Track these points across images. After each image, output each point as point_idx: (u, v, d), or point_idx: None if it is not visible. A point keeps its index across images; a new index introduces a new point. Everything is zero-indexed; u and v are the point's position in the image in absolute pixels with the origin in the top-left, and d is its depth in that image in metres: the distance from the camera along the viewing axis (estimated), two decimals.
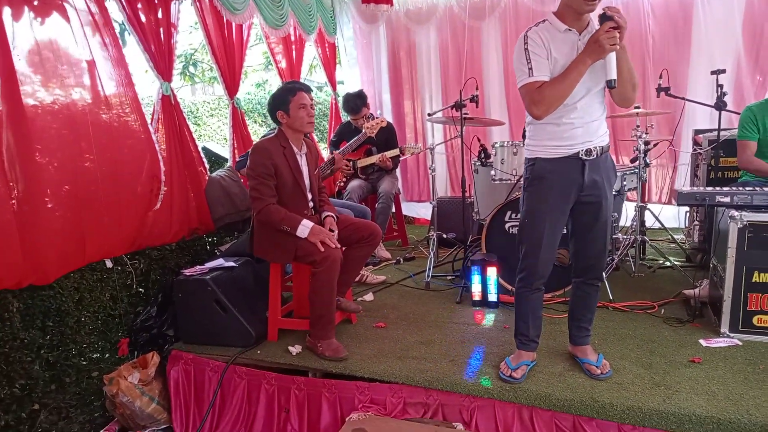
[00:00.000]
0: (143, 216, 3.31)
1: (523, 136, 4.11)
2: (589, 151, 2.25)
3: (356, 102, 4.64)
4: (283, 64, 5.03)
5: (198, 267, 3.26)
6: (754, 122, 3.19)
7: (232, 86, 4.24)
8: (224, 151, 4.49)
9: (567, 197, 2.31)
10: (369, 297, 3.76)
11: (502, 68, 5.42)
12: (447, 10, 5.55)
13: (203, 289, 3.05)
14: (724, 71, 3.69)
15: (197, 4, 3.84)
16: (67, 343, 2.89)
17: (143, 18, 3.38)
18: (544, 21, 2.25)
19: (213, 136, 6.41)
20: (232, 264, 3.34)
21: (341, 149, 4.45)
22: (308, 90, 3.07)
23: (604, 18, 2.07)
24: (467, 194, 4.06)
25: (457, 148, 4.46)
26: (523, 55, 2.19)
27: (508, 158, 3.78)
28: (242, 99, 4.67)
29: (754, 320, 2.73)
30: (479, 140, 4.31)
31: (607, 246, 2.44)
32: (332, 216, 3.15)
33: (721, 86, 3.64)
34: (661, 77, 3.88)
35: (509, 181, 3.76)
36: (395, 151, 4.58)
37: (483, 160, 4.07)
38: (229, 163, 4.30)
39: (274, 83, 5.54)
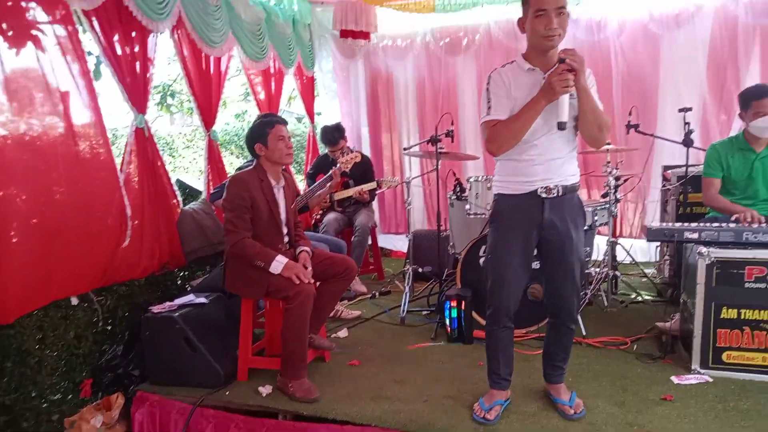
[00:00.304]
0: (112, 251, 3.23)
1: None
2: (548, 189, 2.26)
3: (334, 134, 4.67)
4: (262, 96, 5.04)
5: (167, 303, 3.18)
6: (718, 160, 3.27)
7: (208, 119, 4.22)
8: (199, 183, 4.46)
9: (529, 234, 2.32)
10: (343, 333, 3.70)
11: (477, 103, 5.52)
12: (423, 45, 5.65)
13: (171, 327, 2.97)
14: (690, 109, 3.80)
15: (175, 37, 3.85)
16: (26, 385, 2.77)
17: (119, 50, 3.37)
18: (512, 62, 2.32)
19: (188, 167, 6.37)
20: (202, 300, 3.27)
21: (322, 179, 4.43)
22: (285, 123, 3.09)
23: (559, 61, 2.12)
24: (443, 228, 4.08)
25: (434, 182, 4.50)
26: (485, 95, 2.27)
27: (483, 193, 3.82)
28: (220, 130, 4.66)
29: (724, 356, 2.75)
30: (455, 174, 4.35)
31: (577, 287, 2.41)
32: (307, 251, 3.12)
33: (688, 123, 3.74)
34: (630, 114, 3.98)
35: (484, 216, 3.78)
36: (372, 184, 4.59)
37: (458, 194, 4.09)
38: (203, 196, 4.25)
39: (253, 114, 5.55)
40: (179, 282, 3.92)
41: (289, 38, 5.15)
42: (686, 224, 2.97)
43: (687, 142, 3.75)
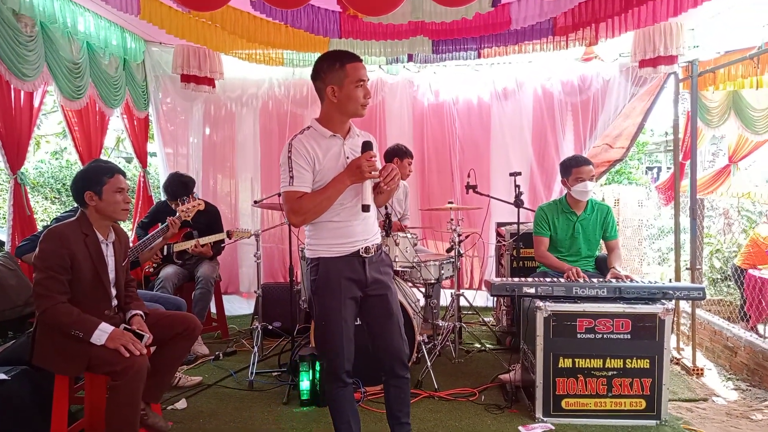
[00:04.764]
0: None
1: None
2: (367, 249, 2.30)
3: (178, 189, 4.24)
4: (80, 135, 4.47)
5: None
6: (545, 220, 3.64)
7: (15, 159, 3.61)
8: (1, 233, 3.75)
9: (355, 294, 2.31)
10: (182, 404, 3.30)
11: None
12: (270, 95, 5.57)
13: None
14: (519, 173, 4.22)
15: None
16: None
17: None
18: (308, 128, 2.30)
19: None
20: (2, 377, 2.68)
21: (158, 229, 3.95)
22: (125, 175, 2.73)
23: (366, 146, 2.19)
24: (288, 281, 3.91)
25: (275, 235, 4.27)
26: (287, 163, 2.21)
27: None
28: (33, 171, 3.97)
29: (563, 404, 2.97)
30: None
31: (404, 336, 2.44)
32: (140, 315, 2.74)
33: (519, 186, 4.13)
34: (469, 176, 4.28)
35: None
36: (221, 235, 4.24)
37: None
38: (6, 249, 3.58)
39: (74, 152, 4.83)
40: None
41: (115, 77, 4.66)
42: (524, 280, 3.21)
43: (518, 203, 4.12)
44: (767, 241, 5.63)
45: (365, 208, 2.19)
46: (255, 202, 4.29)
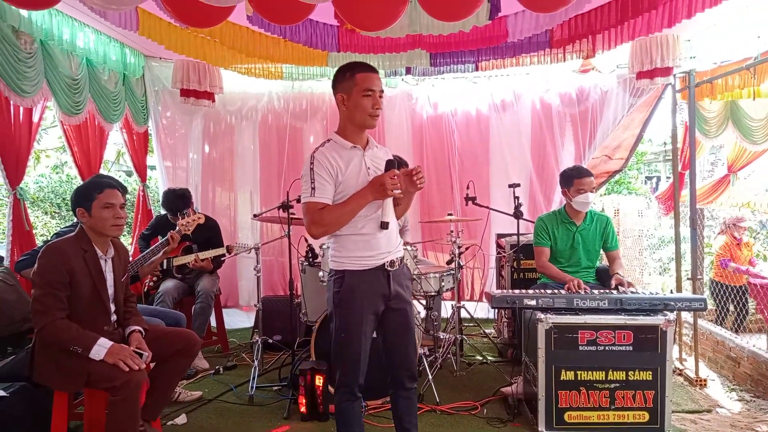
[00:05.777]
0: None
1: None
2: (392, 263, 2.31)
3: (177, 203, 4.25)
4: (78, 150, 4.47)
5: None
6: (545, 231, 3.63)
7: (15, 175, 3.61)
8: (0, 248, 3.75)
9: (377, 308, 2.32)
10: (182, 419, 3.27)
11: None
12: (270, 109, 5.59)
13: None
14: (518, 185, 4.22)
15: None
16: None
17: None
18: (329, 140, 2.31)
19: None
20: (0, 393, 2.66)
21: (157, 243, 3.95)
22: (122, 189, 2.71)
23: (390, 164, 2.22)
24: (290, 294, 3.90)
25: (274, 249, 4.19)
26: (309, 175, 2.22)
27: None
28: (33, 185, 3.96)
29: (566, 417, 2.95)
30: (306, 240, 4.23)
31: (417, 348, 2.46)
32: (139, 330, 2.73)
33: (518, 197, 4.13)
34: (468, 188, 4.28)
35: None
36: (221, 250, 4.23)
37: (311, 260, 3.97)
38: (5, 264, 3.57)
39: (74, 167, 4.86)
40: None
41: (115, 92, 4.67)
42: (525, 291, 3.20)
43: (517, 215, 4.12)
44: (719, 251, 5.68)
45: (384, 225, 2.23)
46: (254, 215, 4.29)
